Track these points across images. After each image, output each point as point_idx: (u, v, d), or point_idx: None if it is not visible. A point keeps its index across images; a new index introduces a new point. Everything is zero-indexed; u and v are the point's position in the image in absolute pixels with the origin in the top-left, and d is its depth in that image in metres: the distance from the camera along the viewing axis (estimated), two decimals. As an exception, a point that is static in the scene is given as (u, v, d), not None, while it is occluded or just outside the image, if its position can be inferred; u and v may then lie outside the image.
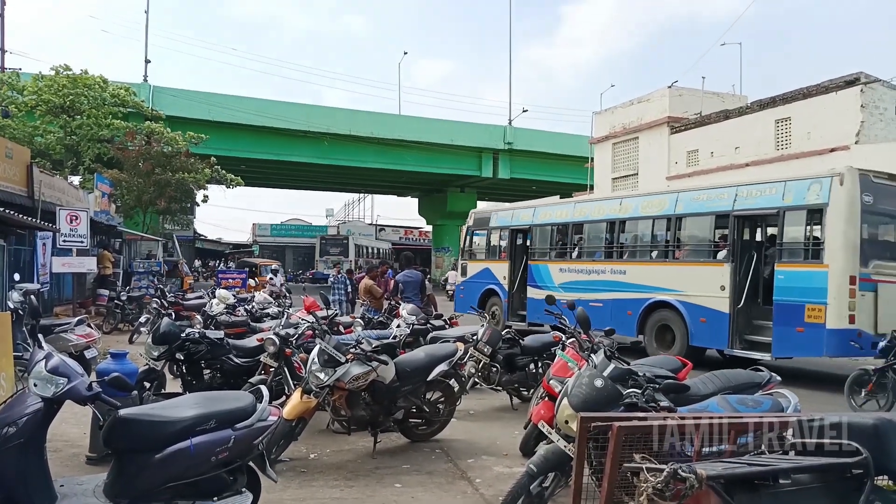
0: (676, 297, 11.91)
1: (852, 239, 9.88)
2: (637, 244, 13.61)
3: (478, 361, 8.02)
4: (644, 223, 13.41)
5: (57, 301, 16.52)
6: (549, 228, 15.78)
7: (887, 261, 10.33)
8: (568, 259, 14.76)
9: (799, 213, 10.61)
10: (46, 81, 24.25)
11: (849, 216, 9.87)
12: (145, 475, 3.36)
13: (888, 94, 19.14)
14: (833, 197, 9.95)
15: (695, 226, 12.48)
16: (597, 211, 14.65)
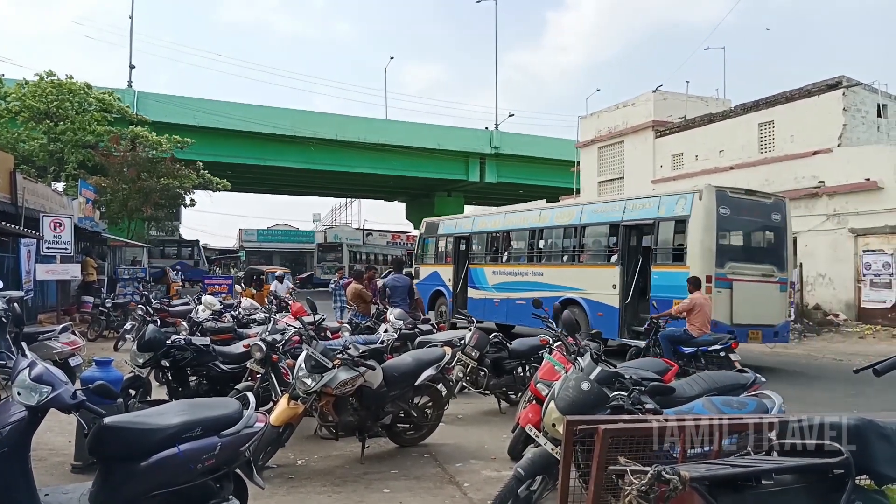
0: (581, 294, 13.52)
1: (709, 245, 11.51)
2: (551, 250, 15.38)
3: (465, 365, 8.03)
4: (557, 231, 15.30)
5: (41, 308, 16.36)
6: (485, 236, 17.51)
7: (741, 262, 11.97)
8: (499, 263, 16.55)
9: (669, 224, 12.29)
10: (30, 87, 24.07)
11: (706, 226, 11.53)
12: (131, 483, 3.33)
13: (870, 97, 19.39)
14: (694, 210, 11.66)
15: (594, 234, 14.30)
16: (521, 220, 16.68)
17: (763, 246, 13.00)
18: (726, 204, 11.85)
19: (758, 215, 12.71)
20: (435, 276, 18.47)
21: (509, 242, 16.79)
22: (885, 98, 19.73)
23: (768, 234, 12.98)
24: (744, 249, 12.67)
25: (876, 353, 12.63)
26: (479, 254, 17.60)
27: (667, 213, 12.36)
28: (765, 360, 12.97)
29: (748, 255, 12.49)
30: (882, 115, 19.58)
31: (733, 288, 11.61)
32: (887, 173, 16.82)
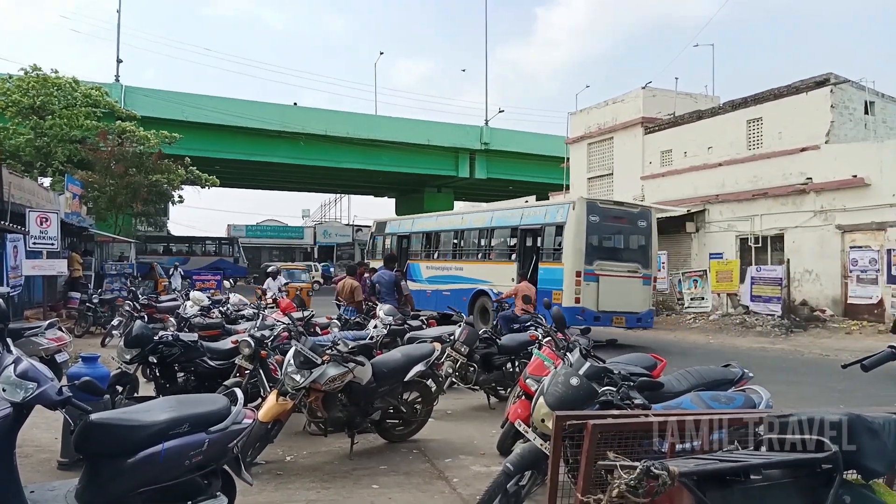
0: (489, 286, 16.02)
1: (579, 246, 13.98)
2: (469, 248, 17.93)
3: (455, 361, 8.03)
4: (473, 233, 17.91)
5: (27, 304, 16.24)
6: (421, 235, 20.07)
7: (608, 261, 14.40)
8: (431, 259, 19.09)
9: (552, 228, 14.89)
10: (15, 82, 23.84)
11: (577, 231, 14.03)
12: (118, 480, 3.31)
13: (857, 94, 19.50)
14: (569, 218, 14.22)
15: (500, 235, 16.98)
16: (448, 223, 19.57)
17: (630, 247, 15.23)
18: (596, 213, 14.42)
19: (625, 222, 15.18)
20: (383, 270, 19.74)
21: (439, 242, 19.20)
22: (872, 95, 19.84)
23: (635, 237, 15.28)
24: (611, 250, 14.85)
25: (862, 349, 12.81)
26: (416, 251, 20.03)
27: (550, 219, 15.08)
28: (753, 356, 13.08)
29: (615, 255, 14.78)
30: (869, 112, 19.70)
31: (600, 281, 14.08)
32: (874, 170, 16.94)
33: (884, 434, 2.40)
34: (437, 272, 18.40)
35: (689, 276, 20.34)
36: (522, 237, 15.87)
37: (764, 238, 19.68)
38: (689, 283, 20.24)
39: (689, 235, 22.13)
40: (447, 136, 40.83)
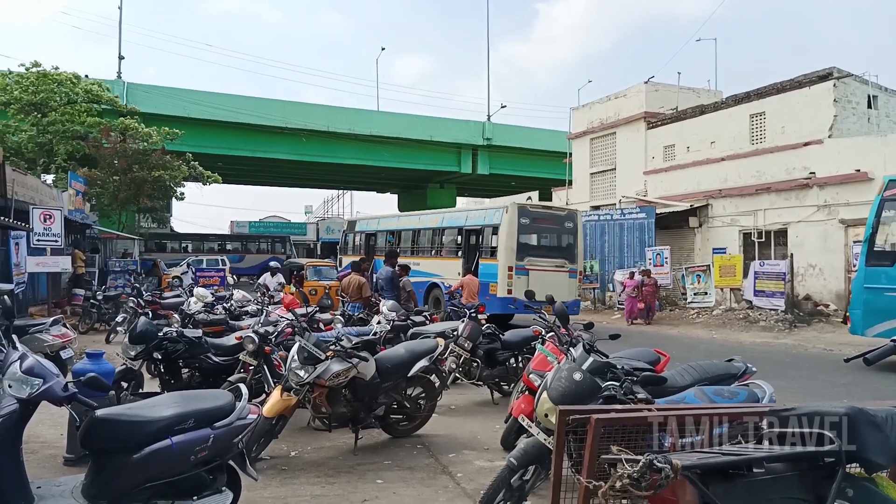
0: (440, 279, 17.84)
1: (511, 245, 16.05)
2: (424, 246, 19.98)
3: (458, 357, 8.05)
4: (427, 232, 20.08)
5: (32, 301, 16.27)
6: (385, 233, 22.26)
7: (536, 257, 16.48)
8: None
9: (490, 229, 17.04)
10: (15, 78, 23.84)
11: (509, 232, 16.12)
12: (124, 475, 3.33)
13: (860, 88, 19.44)
14: (503, 220, 16.34)
15: (449, 235, 19.06)
16: (408, 223, 21.79)
17: (557, 245, 17.36)
18: (526, 216, 16.58)
19: (553, 224, 17.49)
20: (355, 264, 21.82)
21: (399, 239, 21.20)
22: (875, 89, 19.78)
23: (562, 237, 17.45)
24: (541, 248, 17.02)
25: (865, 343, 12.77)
26: (381, 247, 21.69)
27: (489, 221, 17.28)
28: (756, 351, 13.08)
29: (544, 252, 16.90)
30: (872, 107, 19.64)
31: (529, 275, 15.77)
32: (877, 164, 16.88)
33: (886, 427, 2.41)
34: None
35: (693, 271, 20.31)
36: (467, 236, 18.08)
37: (767, 233, 19.65)
38: (693, 277, 20.20)
39: (693, 230, 22.11)
40: (449, 132, 40.76)
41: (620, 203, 24.98)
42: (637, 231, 22.15)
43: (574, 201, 28.06)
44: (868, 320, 11.45)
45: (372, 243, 22.50)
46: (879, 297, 11.25)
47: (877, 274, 11.36)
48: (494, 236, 16.65)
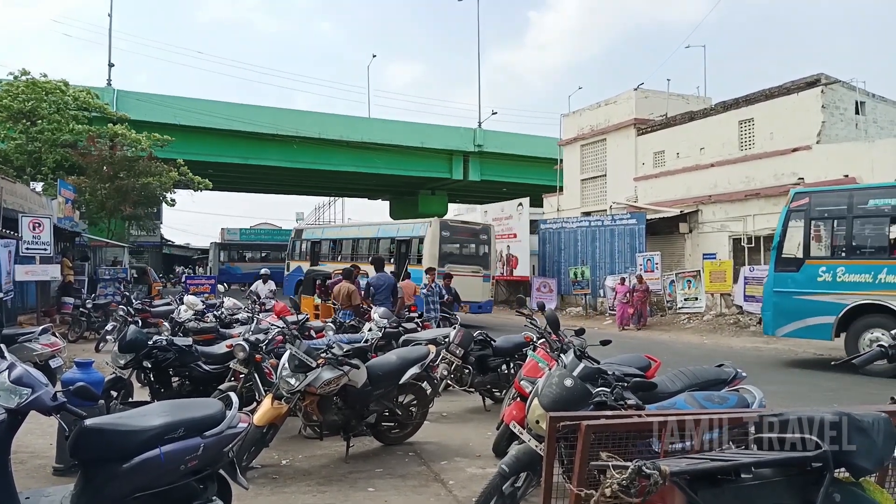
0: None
1: (434, 253, 19.24)
2: (362, 252, 23.06)
3: (450, 363, 8.04)
4: (365, 241, 23.73)
5: (21, 310, 16.18)
6: (329, 241, 25.71)
7: (456, 264, 19.57)
8: (336, 261, 23.57)
9: (417, 240, 20.28)
10: (4, 87, 23.75)
11: (432, 242, 19.50)
12: (113, 485, 3.31)
13: (848, 94, 19.60)
14: (427, 232, 19.75)
15: (384, 244, 22.41)
16: (348, 233, 25.89)
17: (473, 254, 20.88)
18: (447, 229, 20.18)
19: (470, 236, 21.16)
20: (298, 269, 25.72)
21: (341, 247, 24.68)
22: (862, 95, 19.95)
23: (478, 247, 21.03)
24: (459, 256, 20.45)
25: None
26: (324, 254, 25.19)
27: (416, 233, 20.54)
28: (746, 356, 13.14)
29: (462, 260, 20.31)
30: (860, 113, 19.81)
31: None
32: (865, 170, 17.02)
33: (873, 432, 2.43)
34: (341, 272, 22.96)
35: (683, 277, 20.41)
36: (398, 245, 21.31)
37: (757, 238, 19.75)
38: (683, 283, 20.30)
39: (683, 236, 22.21)
40: (441, 139, 40.82)
41: (611, 209, 25.08)
42: (628, 237, 22.24)
43: (565, 207, 28.15)
44: (777, 321, 12.40)
45: (317, 250, 25.93)
46: (787, 299, 12.14)
47: (784, 279, 12.21)
48: (420, 245, 19.90)
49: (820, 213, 12.13)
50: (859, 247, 11.70)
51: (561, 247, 24.83)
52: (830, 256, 11.93)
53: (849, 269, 11.51)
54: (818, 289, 11.76)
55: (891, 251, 11.35)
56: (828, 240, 12.17)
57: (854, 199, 11.81)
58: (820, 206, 12.12)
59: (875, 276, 11.22)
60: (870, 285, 11.25)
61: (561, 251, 24.81)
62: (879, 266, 11.20)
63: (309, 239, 26.87)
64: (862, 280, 11.29)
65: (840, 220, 11.88)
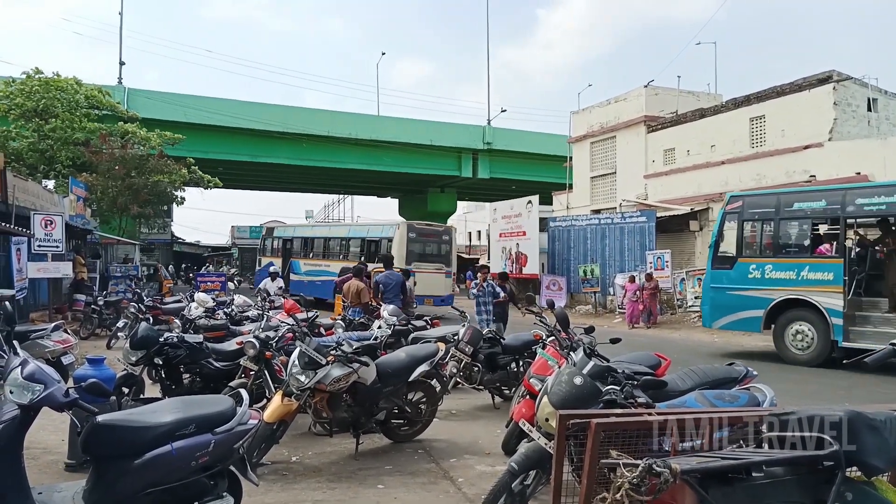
0: None
1: (402, 253, 20.79)
2: (334, 251, 25.22)
3: (459, 361, 8.05)
4: (336, 240, 25.66)
5: (33, 307, 16.30)
6: (301, 239, 27.52)
7: (420, 262, 21.26)
8: (307, 258, 26.07)
9: (386, 240, 22.07)
10: (18, 86, 23.91)
11: (401, 242, 21.29)
12: (125, 481, 3.33)
13: (860, 91, 19.45)
14: (396, 234, 21.66)
15: (354, 243, 24.32)
16: (320, 232, 28.03)
17: (436, 253, 22.60)
18: (413, 231, 22.18)
19: (433, 237, 22.93)
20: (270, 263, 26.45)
21: (313, 245, 26.41)
22: (875, 92, 19.79)
23: (440, 246, 22.77)
24: (424, 255, 22.16)
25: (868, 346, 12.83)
26: (297, 251, 27.05)
27: (385, 234, 22.45)
28: (757, 354, 13.06)
29: (426, 258, 21.99)
30: (872, 109, 19.64)
31: (416, 275, 17.78)
32: (878, 167, 16.89)
33: (885, 431, 2.42)
34: (312, 267, 25.41)
35: (693, 275, 20.29)
36: (368, 245, 23.13)
37: (767, 236, 19.62)
38: (693, 281, 20.19)
39: (693, 234, 22.10)
40: (450, 137, 40.78)
41: (621, 207, 24.99)
42: (637, 235, 22.15)
43: (574, 205, 28.06)
44: (714, 315, 13.34)
45: (288, 247, 27.77)
46: (722, 295, 13.07)
47: (720, 276, 13.14)
48: (389, 244, 21.66)
49: (751, 215, 12.90)
50: (785, 246, 12.58)
51: (570, 244, 24.75)
52: (760, 255, 12.72)
53: (776, 266, 12.33)
54: (749, 285, 12.56)
55: (812, 250, 12.28)
56: (758, 240, 12.99)
57: (781, 202, 12.60)
58: (751, 209, 12.91)
59: (798, 273, 12.02)
60: (794, 282, 12.02)
61: (570, 249, 24.74)
62: (802, 264, 12.05)
63: (280, 237, 28.91)
64: (787, 277, 12.12)
65: (768, 221, 12.67)
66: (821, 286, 11.69)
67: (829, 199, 12.02)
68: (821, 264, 11.93)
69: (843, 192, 12.06)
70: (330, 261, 24.40)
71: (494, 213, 29.05)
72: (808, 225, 12.49)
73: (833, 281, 11.57)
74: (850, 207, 11.60)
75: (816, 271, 11.86)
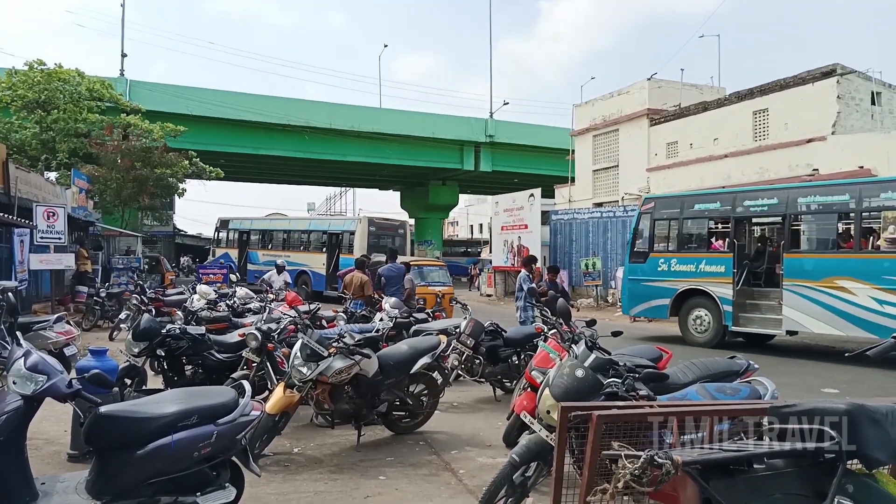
0: (308, 268, 24.95)
1: (363, 244, 22.83)
2: (295, 242, 27.14)
3: (461, 354, 8.06)
4: (297, 233, 27.47)
5: (35, 298, 16.33)
6: (259, 232, 29.26)
7: (379, 253, 19.59)
8: (266, 249, 27.94)
9: (349, 233, 24.13)
10: (20, 77, 23.87)
11: (361, 236, 23.35)
12: (127, 472, 3.34)
13: (864, 84, 19.38)
14: (357, 227, 23.86)
15: (315, 235, 26.42)
16: (279, 225, 29.66)
17: (393, 245, 22.78)
18: (373, 225, 24.19)
19: (390, 230, 24.91)
20: (226, 255, 29.36)
21: (272, 237, 28.35)
22: (879, 86, 19.72)
23: (395, 239, 24.28)
24: (382, 246, 22.12)
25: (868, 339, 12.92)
26: (254, 242, 28.91)
27: (347, 228, 24.66)
28: (760, 347, 13.07)
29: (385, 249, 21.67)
30: (876, 103, 19.58)
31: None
32: (881, 161, 16.84)
33: (887, 424, 2.41)
34: (271, 258, 25.87)
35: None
36: (329, 238, 25.11)
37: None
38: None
39: (695, 227, 22.07)
40: (452, 129, 40.68)
41: (623, 200, 24.96)
42: (640, 228, 22.10)
43: (577, 198, 28.03)
44: (631, 303, 14.98)
45: (244, 238, 29.22)
46: (637, 285, 14.62)
47: (635, 268, 14.68)
48: (351, 237, 23.82)
49: (661, 214, 14.49)
50: (687, 242, 14.12)
51: (572, 238, 24.73)
52: (667, 250, 14.25)
53: (679, 260, 13.87)
54: (658, 276, 14.11)
55: (709, 246, 13.76)
56: (666, 236, 14.54)
57: (685, 203, 14.31)
58: (661, 209, 14.53)
59: (697, 266, 13.61)
60: (694, 274, 13.56)
61: (572, 242, 24.72)
62: (700, 258, 13.64)
63: (236, 229, 29.93)
64: (688, 269, 13.59)
65: (674, 220, 14.30)
66: (715, 278, 13.30)
67: (723, 200, 13.79)
68: (714, 258, 13.45)
69: (734, 195, 13.75)
70: (291, 251, 26.46)
71: (496, 206, 29.03)
72: (706, 223, 14.02)
73: (724, 273, 13.16)
74: (739, 209, 13.17)
75: (711, 264, 13.46)
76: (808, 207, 12.33)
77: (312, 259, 25.29)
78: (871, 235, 11.65)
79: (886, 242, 11.26)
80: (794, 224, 12.86)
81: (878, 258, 11.34)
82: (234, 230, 29.93)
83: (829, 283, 11.67)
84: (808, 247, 12.88)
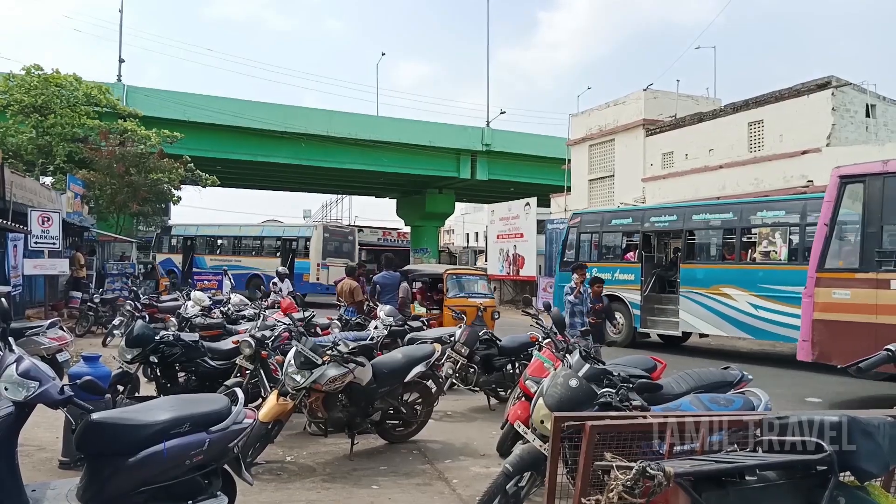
0: (262, 272, 26.20)
1: (319, 249, 25.96)
2: (246, 248, 29.35)
3: (455, 362, 8.06)
4: (249, 239, 29.69)
5: (28, 304, 16.25)
6: (206, 238, 30.84)
7: (333, 257, 26.20)
8: (214, 254, 29.89)
9: (304, 239, 26.90)
10: (17, 81, 23.84)
11: (317, 241, 26.28)
12: (119, 479, 3.33)
13: (858, 97, 19.48)
14: (313, 234, 26.72)
15: (269, 241, 29.13)
16: (228, 231, 31.14)
17: (344, 250, 27.28)
18: (328, 231, 27.28)
19: (341, 237, 27.98)
20: (169, 261, 30.67)
21: (222, 242, 30.16)
22: (873, 98, 19.82)
23: (342, 245, 27.44)
24: (336, 250, 26.83)
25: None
26: (201, 247, 30.54)
27: (303, 234, 27.45)
28: (753, 359, 13.09)
29: (337, 254, 26.72)
30: (870, 116, 19.67)
31: (329, 269, 24.44)
32: (875, 173, 16.90)
33: (879, 436, 2.42)
34: (219, 262, 27.74)
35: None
36: (283, 243, 27.80)
37: (764, 240, 19.67)
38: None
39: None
40: (449, 138, 40.74)
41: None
42: (635, 238, 22.16)
43: (572, 208, 28.03)
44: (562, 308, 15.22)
45: (189, 244, 30.76)
46: None
47: (565, 277, 14.78)
48: (307, 243, 26.28)
49: (586, 228, 16.50)
50: (606, 253, 16.13)
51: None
52: (589, 260, 15.47)
53: (599, 269, 14.44)
54: None
55: (622, 256, 15.68)
56: (588, 248, 16.40)
57: (604, 219, 16.47)
58: (586, 224, 16.58)
59: (613, 274, 14.99)
60: (611, 281, 14.33)
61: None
62: (615, 267, 15.44)
63: (180, 235, 31.38)
64: (606, 278, 13.77)
65: (596, 234, 16.36)
66: (627, 285, 15.16)
67: (634, 217, 15.86)
68: (626, 268, 15.34)
69: (643, 212, 15.89)
70: (242, 256, 28.83)
71: (492, 214, 29.08)
72: (621, 237, 15.96)
73: (634, 281, 15.07)
74: (647, 224, 15.22)
75: (624, 273, 15.31)
76: (700, 223, 14.38)
77: (265, 263, 27.18)
78: (749, 248, 13.29)
79: (761, 255, 13.00)
80: (690, 238, 14.69)
81: (754, 269, 13.07)
82: (176, 236, 31.66)
83: (716, 290, 13.48)
84: (699, 258, 14.58)
